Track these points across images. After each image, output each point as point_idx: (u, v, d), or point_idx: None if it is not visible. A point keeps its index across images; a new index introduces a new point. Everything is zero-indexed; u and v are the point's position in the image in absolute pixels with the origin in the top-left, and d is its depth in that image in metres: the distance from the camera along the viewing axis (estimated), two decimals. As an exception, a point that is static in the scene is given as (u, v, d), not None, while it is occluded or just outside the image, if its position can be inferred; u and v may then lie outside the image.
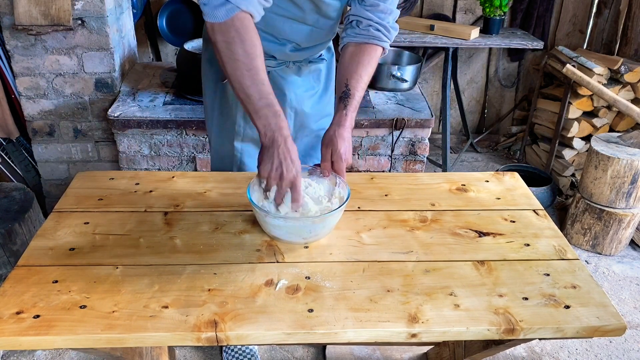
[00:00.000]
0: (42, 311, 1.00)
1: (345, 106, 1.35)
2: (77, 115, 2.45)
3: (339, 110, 1.36)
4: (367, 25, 1.39)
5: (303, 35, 1.44)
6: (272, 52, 1.47)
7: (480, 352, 1.49)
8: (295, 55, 1.51)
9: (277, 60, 1.50)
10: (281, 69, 1.53)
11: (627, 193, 2.43)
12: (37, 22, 2.20)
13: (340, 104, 1.36)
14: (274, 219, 1.17)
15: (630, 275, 2.46)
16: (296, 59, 1.54)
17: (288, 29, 1.41)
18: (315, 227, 1.18)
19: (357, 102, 1.37)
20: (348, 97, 1.35)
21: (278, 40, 1.45)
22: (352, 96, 1.36)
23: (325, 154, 1.31)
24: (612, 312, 1.05)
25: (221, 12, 1.14)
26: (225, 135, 1.61)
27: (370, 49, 1.40)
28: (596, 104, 2.88)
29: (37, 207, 2.18)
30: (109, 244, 1.20)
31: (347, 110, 1.34)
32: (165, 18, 3.06)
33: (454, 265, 1.17)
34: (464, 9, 3.32)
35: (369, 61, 1.40)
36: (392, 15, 1.40)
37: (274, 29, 1.41)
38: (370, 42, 1.40)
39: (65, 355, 1.96)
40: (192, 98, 2.36)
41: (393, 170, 2.45)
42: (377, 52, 1.42)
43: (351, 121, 1.35)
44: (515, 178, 1.55)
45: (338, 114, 1.35)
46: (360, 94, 1.38)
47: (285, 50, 1.47)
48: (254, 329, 0.98)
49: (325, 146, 1.32)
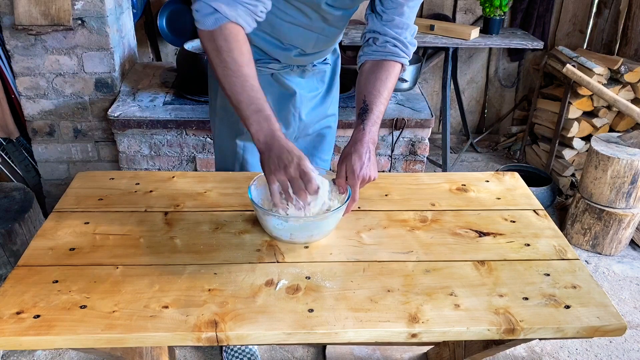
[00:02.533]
0: (42, 311, 1.00)
1: (363, 121, 1.31)
2: (77, 115, 2.45)
3: (357, 126, 1.32)
4: (383, 41, 1.36)
5: (309, 41, 1.44)
6: (277, 56, 1.48)
7: (480, 352, 1.49)
8: (299, 60, 1.51)
9: (281, 64, 1.50)
10: (285, 72, 1.53)
11: (627, 193, 2.43)
12: (37, 22, 2.20)
13: (358, 120, 1.32)
14: (274, 219, 1.17)
15: (630, 275, 2.46)
16: (300, 64, 1.54)
17: (294, 35, 1.41)
18: (317, 227, 1.18)
19: (377, 117, 1.32)
20: (366, 112, 1.32)
21: (283, 45, 1.45)
22: (371, 110, 1.32)
23: (340, 170, 1.28)
24: (612, 312, 1.05)
25: (210, 20, 1.15)
26: (227, 133, 1.62)
27: (388, 65, 1.37)
28: (596, 104, 2.88)
29: (37, 207, 2.18)
30: (109, 244, 1.20)
31: (364, 125, 1.30)
32: (165, 18, 3.06)
33: (454, 265, 1.17)
34: (464, 9, 3.32)
35: (387, 77, 1.36)
36: (409, 31, 1.38)
37: (280, 34, 1.41)
38: (388, 58, 1.37)
39: (65, 355, 1.96)
40: (192, 98, 2.36)
41: (393, 170, 2.45)
42: (396, 68, 1.39)
43: (371, 135, 1.29)
44: (516, 178, 1.55)
45: (356, 130, 1.31)
46: (380, 109, 1.34)
47: (290, 55, 1.47)
48: (254, 329, 0.99)
49: (341, 162, 1.29)
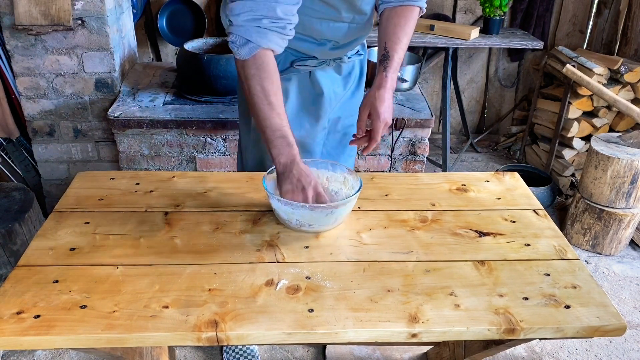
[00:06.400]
0: (42, 311, 1.00)
1: (385, 68, 1.39)
2: (77, 115, 2.45)
3: (379, 73, 1.39)
4: None
5: (341, 33, 1.47)
6: (313, 53, 1.50)
7: (480, 352, 1.49)
8: (335, 53, 1.54)
9: (318, 60, 1.53)
10: (321, 68, 1.56)
11: (627, 193, 2.43)
12: (37, 22, 2.20)
13: (380, 67, 1.40)
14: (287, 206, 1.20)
15: (630, 275, 2.46)
16: (336, 57, 1.57)
17: (326, 29, 1.44)
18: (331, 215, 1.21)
19: (397, 64, 1.40)
20: (387, 59, 1.39)
21: (317, 41, 1.48)
22: (392, 58, 1.39)
23: (362, 114, 1.39)
24: (612, 312, 1.05)
25: (244, 50, 1.22)
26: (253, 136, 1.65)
27: (406, 10, 1.44)
28: (596, 104, 2.88)
29: (37, 207, 2.18)
30: (109, 244, 1.20)
31: (387, 72, 1.38)
32: (165, 18, 3.06)
33: (454, 265, 1.17)
34: (464, 9, 3.32)
35: (406, 22, 1.43)
36: None
37: (312, 31, 1.44)
38: (405, 3, 1.44)
39: (65, 355, 1.96)
40: (192, 98, 2.36)
41: (393, 170, 2.45)
42: (414, 12, 1.45)
43: (392, 82, 1.39)
44: (515, 178, 1.55)
45: (379, 77, 1.39)
46: (400, 55, 1.41)
47: (325, 49, 1.50)
48: (254, 329, 0.99)
49: (364, 106, 1.38)
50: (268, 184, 1.27)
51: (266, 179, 1.27)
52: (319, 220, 1.22)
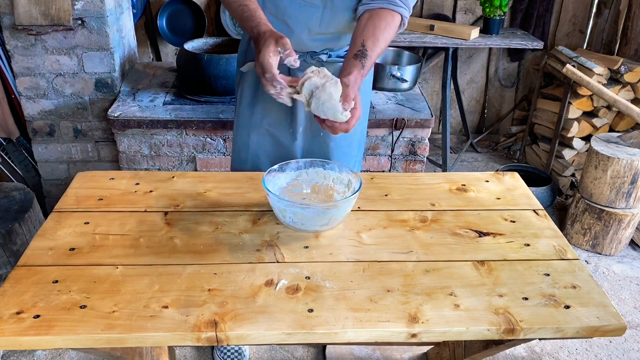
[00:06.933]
0: (42, 311, 1.00)
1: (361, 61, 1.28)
2: (77, 115, 2.45)
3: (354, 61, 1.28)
4: None
5: (313, 17, 1.43)
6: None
7: (480, 352, 1.49)
8: (313, 45, 1.49)
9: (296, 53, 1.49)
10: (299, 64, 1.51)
11: (627, 193, 2.43)
12: (37, 22, 2.20)
13: (355, 61, 1.28)
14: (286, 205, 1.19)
15: (630, 275, 2.46)
16: (313, 50, 1.51)
17: (297, 10, 1.41)
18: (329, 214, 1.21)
19: (371, 64, 1.32)
20: (364, 57, 1.29)
21: (289, 26, 1.44)
22: (369, 57, 1.29)
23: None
24: (612, 312, 1.05)
25: None
26: (244, 127, 1.64)
27: (387, 13, 1.35)
28: (596, 104, 2.88)
29: (37, 207, 2.18)
30: (109, 244, 1.20)
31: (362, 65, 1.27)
32: (165, 18, 3.07)
33: (454, 265, 1.17)
34: (464, 9, 3.32)
35: (386, 26, 1.33)
36: None
37: (284, 13, 1.42)
38: (385, 6, 1.35)
39: (65, 355, 1.96)
40: (192, 98, 2.36)
41: (393, 170, 2.45)
42: (395, 18, 1.36)
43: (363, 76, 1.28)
44: (515, 178, 1.55)
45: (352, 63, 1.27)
46: (374, 60, 1.32)
47: (301, 37, 1.45)
48: (254, 329, 0.99)
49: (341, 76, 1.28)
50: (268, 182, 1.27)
51: (266, 179, 1.27)
52: (311, 220, 1.21)
